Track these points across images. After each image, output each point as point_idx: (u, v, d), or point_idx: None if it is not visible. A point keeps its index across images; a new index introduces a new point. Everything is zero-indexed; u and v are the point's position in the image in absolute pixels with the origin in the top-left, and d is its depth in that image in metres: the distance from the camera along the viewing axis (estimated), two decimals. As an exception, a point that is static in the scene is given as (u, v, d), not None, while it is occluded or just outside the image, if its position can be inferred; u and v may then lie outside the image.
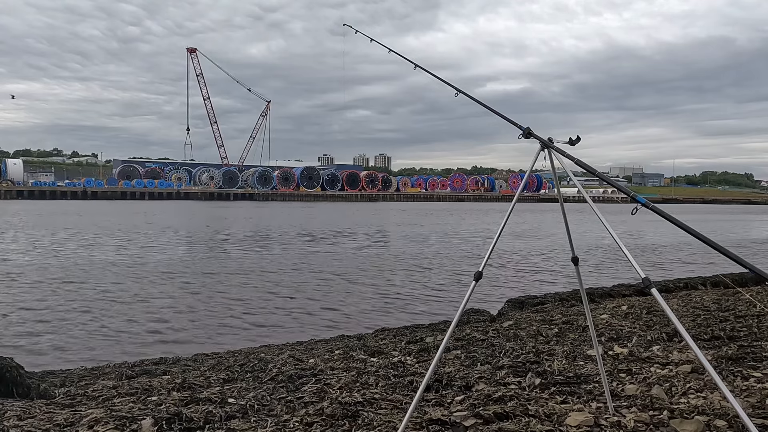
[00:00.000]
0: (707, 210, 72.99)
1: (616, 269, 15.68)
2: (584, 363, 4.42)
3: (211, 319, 9.45)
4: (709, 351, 4.59)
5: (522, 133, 2.85)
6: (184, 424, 3.24)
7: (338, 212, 55.03)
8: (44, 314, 9.54)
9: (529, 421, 3.15)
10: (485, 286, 12.12)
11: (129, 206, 63.60)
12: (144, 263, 16.27)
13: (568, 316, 6.60)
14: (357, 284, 13.13)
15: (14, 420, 3.38)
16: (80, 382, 5.01)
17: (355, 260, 17.64)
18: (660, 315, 6.07)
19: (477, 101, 3.48)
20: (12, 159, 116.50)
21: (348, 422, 3.23)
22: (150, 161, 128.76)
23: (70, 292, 11.66)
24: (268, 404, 3.64)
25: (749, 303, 6.29)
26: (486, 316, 7.77)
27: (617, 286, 9.91)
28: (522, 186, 3.20)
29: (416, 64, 3.96)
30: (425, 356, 4.99)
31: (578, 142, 2.77)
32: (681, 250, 20.87)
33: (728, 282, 7.57)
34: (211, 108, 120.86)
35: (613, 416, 3.24)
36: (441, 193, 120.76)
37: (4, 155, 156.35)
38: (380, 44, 4.44)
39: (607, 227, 2.43)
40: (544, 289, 11.79)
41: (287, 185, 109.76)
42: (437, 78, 3.79)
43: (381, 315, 9.87)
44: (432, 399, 3.69)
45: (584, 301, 3.38)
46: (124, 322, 9.07)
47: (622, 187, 2.65)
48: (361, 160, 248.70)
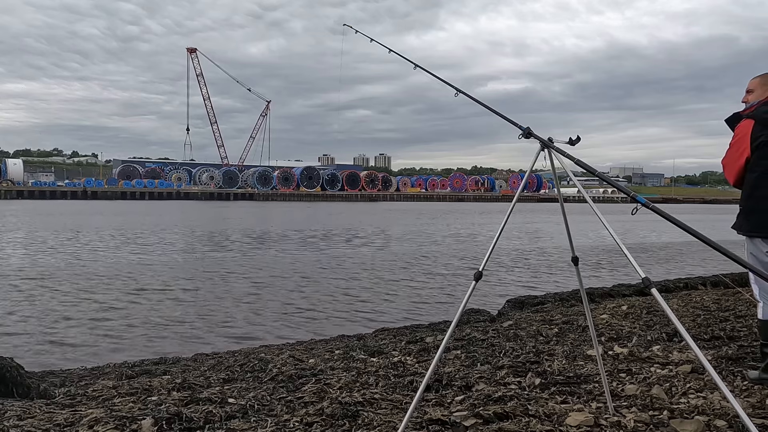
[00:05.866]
0: (707, 210, 72.98)
1: (616, 269, 15.68)
2: (584, 363, 4.42)
3: (212, 318, 9.45)
4: (709, 351, 4.59)
5: (522, 133, 2.84)
6: (184, 424, 3.24)
7: (338, 212, 55.03)
8: (44, 314, 9.54)
9: (529, 421, 3.15)
10: (485, 286, 12.12)
11: (129, 206, 63.60)
12: (144, 263, 16.26)
13: (568, 316, 6.60)
14: (357, 284, 13.13)
15: (14, 420, 3.37)
16: (80, 382, 5.01)
17: (355, 260, 17.64)
18: (660, 315, 6.07)
19: (477, 101, 3.48)
20: (12, 159, 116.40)
21: (348, 422, 3.23)
22: (150, 161, 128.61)
23: (70, 291, 11.66)
24: (268, 404, 3.64)
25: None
26: (486, 316, 7.77)
27: (617, 286, 9.91)
28: (522, 186, 3.20)
29: (416, 64, 3.96)
30: (425, 356, 4.99)
31: (578, 142, 2.77)
32: (681, 250, 20.86)
33: (728, 282, 7.57)
34: (211, 108, 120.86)
35: (613, 416, 3.24)
36: (441, 193, 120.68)
37: (4, 155, 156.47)
38: (380, 44, 4.44)
39: (607, 227, 2.43)
40: (544, 289, 11.78)
41: (287, 185, 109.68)
42: (437, 78, 3.79)
43: (381, 315, 9.87)
44: (432, 399, 3.69)
45: (584, 301, 3.38)
46: (124, 322, 9.06)
47: (622, 187, 2.65)
48: (361, 160, 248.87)
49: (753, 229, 3.82)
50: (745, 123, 3.85)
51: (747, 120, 3.85)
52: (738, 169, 3.88)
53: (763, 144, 3.74)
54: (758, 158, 3.77)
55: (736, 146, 3.89)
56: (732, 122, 3.98)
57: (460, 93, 3.57)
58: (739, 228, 3.91)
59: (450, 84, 3.65)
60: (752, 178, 3.81)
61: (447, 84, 3.68)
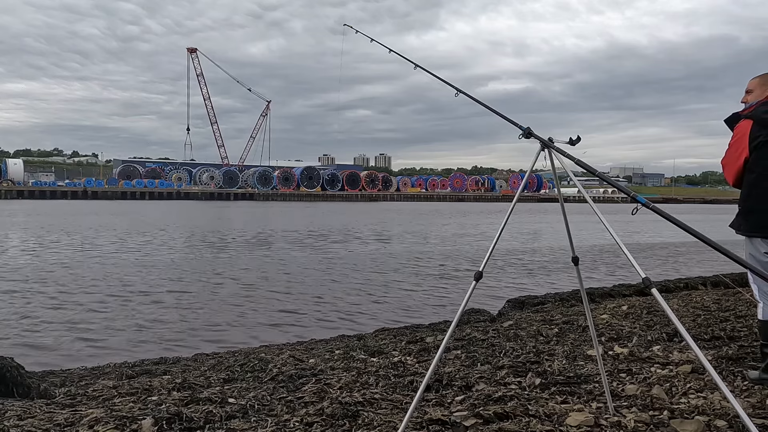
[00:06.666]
0: (707, 210, 72.95)
1: (616, 269, 15.67)
2: (584, 363, 4.42)
3: (212, 318, 9.45)
4: (709, 351, 4.59)
5: (522, 133, 2.85)
6: (184, 424, 3.24)
7: (338, 212, 55.02)
8: (44, 314, 9.54)
9: (529, 421, 3.15)
10: (485, 286, 12.11)
11: (129, 206, 63.60)
12: (144, 263, 16.27)
13: (569, 316, 6.59)
14: (357, 284, 13.12)
15: (14, 420, 3.38)
16: (80, 382, 5.01)
17: (355, 260, 17.64)
18: (660, 315, 6.07)
19: (477, 101, 3.48)
20: (12, 159, 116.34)
21: (348, 422, 3.23)
22: (150, 161, 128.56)
23: (70, 291, 11.66)
24: (268, 404, 3.64)
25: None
26: (486, 316, 7.77)
27: (617, 286, 9.90)
28: (522, 186, 3.20)
29: (416, 64, 3.96)
30: (425, 356, 4.99)
31: (578, 142, 2.77)
32: (681, 250, 20.86)
33: (728, 282, 7.56)
34: (212, 108, 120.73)
35: (613, 416, 3.24)
36: (441, 193, 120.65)
37: (5, 155, 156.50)
38: (380, 44, 4.44)
39: (607, 227, 2.43)
40: (544, 289, 11.78)
41: (287, 185, 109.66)
42: (438, 78, 3.79)
43: (381, 315, 9.87)
44: (432, 399, 3.69)
45: (584, 301, 3.38)
46: (124, 322, 9.06)
47: (622, 187, 2.65)
48: (361, 160, 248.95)
49: (752, 229, 3.82)
50: (744, 123, 3.86)
51: (746, 120, 3.86)
52: (737, 170, 3.89)
53: (762, 144, 3.74)
54: (757, 158, 3.77)
55: (734, 146, 3.90)
56: (731, 122, 3.99)
57: (460, 93, 3.57)
58: (738, 228, 3.92)
59: (450, 84, 3.64)
60: (751, 179, 3.82)
61: (447, 84, 3.68)
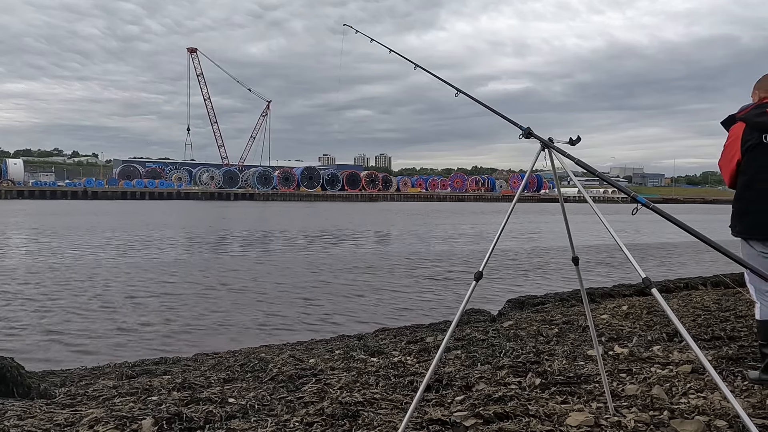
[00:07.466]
0: (707, 210, 72.92)
1: (616, 269, 15.67)
2: (584, 363, 4.42)
3: (212, 318, 9.45)
4: (709, 351, 4.59)
5: (522, 133, 2.84)
6: (184, 424, 3.24)
7: (338, 212, 55.02)
8: (45, 314, 9.54)
9: (529, 421, 3.15)
10: (485, 286, 12.11)
11: (129, 206, 63.59)
12: (144, 263, 16.27)
13: (569, 316, 6.59)
14: (357, 284, 13.13)
15: (14, 420, 3.38)
16: (80, 382, 5.01)
17: (355, 260, 17.64)
18: (660, 315, 6.07)
19: (477, 101, 3.48)
20: (12, 159, 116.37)
21: (348, 422, 3.23)
22: (150, 161, 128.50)
23: (70, 291, 11.66)
24: (268, 404, 3.64)
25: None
26: (486, 316, 7.76)
27: (617, 286, 9.90)
28: (522, 186, 3.20)
29: (416, 64, 3.96)
30: (425, 356, 4.99)
31: (578, 142, 2.77)
32: (681, 250, 20.86)
33: (729, 282, 7.55)
34: (212, 108, 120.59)
35: (613, 416, 3.24)
36: (441, 193, 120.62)
37: (5, 155, 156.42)
38: (380, 44, 4.44)
39: (607, 227, 2.43)
40: (544, 289, 11.78)
41: (288, 185, 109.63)
42: (438, 78, 3.78)
43: (381, 315, 9.87)
44: (432, 399, 3.69)
45: (584, 301, 3.38)
46: (125, 322, 9.07)
47: (622, 187, 2.65)
48: (361, 160, 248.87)
49: (746, 230, 3.84)
50: (737, 126, 3.87)
51: (739, 122, 3.87)
52: (731, 171, 3.90)
53: (753, 147, 3.75)
54: (749, 161, 3.78)
55: (728, 149, 3.91)
56: (727, 124, 3.99)
57: (460, 93, 3.56)
58: (733, 229, 3.93)
59: (450, 84, 3.64)
60: (743, 180, 3.83)
61: (447, 84, 3.68)
